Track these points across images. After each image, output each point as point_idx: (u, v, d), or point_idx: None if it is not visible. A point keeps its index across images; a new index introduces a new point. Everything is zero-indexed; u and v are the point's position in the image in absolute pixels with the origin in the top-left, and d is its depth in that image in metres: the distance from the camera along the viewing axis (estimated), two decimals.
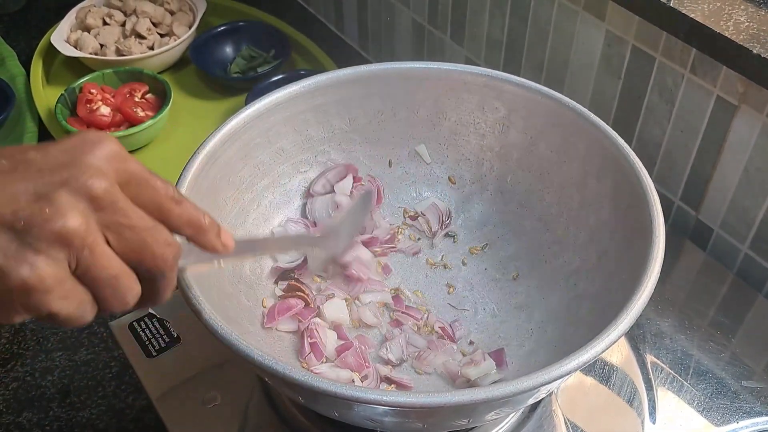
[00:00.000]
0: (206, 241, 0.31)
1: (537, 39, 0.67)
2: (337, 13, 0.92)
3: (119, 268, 0.28)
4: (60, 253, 0.26)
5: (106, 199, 0.27)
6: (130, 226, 0.28)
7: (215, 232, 0.31)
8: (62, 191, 0.26)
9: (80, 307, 0.28)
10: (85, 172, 0.27)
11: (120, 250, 0.28)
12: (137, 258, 0.28)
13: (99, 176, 0.27)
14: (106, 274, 0.27)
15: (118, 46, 0.82)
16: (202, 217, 0.31)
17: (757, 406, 0.48)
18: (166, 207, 0.29)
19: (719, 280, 0.57)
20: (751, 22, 0.51)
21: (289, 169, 0.53)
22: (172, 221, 0.30)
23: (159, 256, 0.29)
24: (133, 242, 0.28)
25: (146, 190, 0.29)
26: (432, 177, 0.55)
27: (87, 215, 0.27)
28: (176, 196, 0.30)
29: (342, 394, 0.33)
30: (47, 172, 0.27)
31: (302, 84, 0.50)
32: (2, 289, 0.26)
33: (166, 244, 0.29)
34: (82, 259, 0.27)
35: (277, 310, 0.47)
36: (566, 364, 0.34)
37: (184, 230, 0.30)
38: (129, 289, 0.28)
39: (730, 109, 0.54)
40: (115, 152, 0.29)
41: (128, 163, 0.29)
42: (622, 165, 0.45)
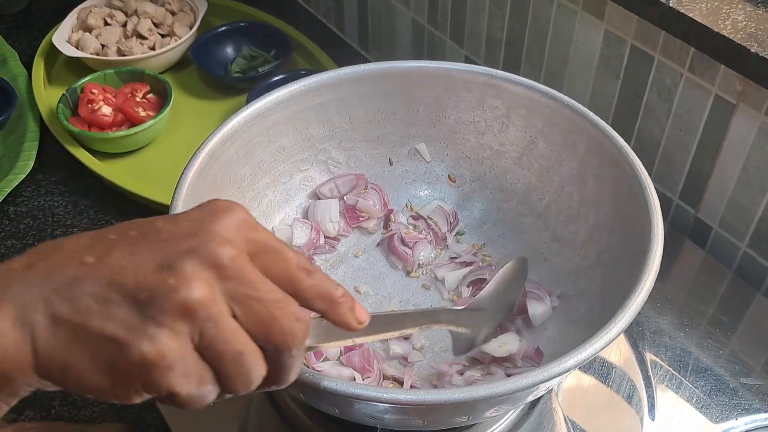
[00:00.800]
0: (339, 316, 0.29)
1: (536, 38, 0.67)
2: (338, 13, 0.93)
3: (245, 342, 0.26)
4: (183, 326, 0.24)
5: (233, 269, 0.25)
6: (258, 298, 0.26)
7: (349, 306, 0.29)
8: (187, 260, 0.25)
9: (201, 385, 0.25)
10: (212, 241, 0.25)
11: (246, 324, 0.26)
12: (264, 333, 0.26)
13: (226, 245, 0.26)
14: (231, 348, 0.25)
15: (119, 46, 0.82)
16: (334, 289, 0.28)
17: (755, 403, 0.48)
18: (298, 278, 0.27)
19: (718, 278, 0.57)
20: (749, 21, 0.52)
21: (289, 167, 0.53)
22: (304, 294, 0.28)
23: (288, 331, 0.26)
24: (260, 315, 0.26)
25: (276, 260, 0.27)
26: (432, 175, 0.56)
27: (212, 285, 0.25)
28: (308, 267, 0.28)
29: (343, 391, 0.33)
30: (174, 242, 0.26)
31: (303, 83, 0.50)
32: (123, 364, 0.24)
33: (296, 319, 0.26)
34: (206, 332, 0.25)
35: None
36: (565, 361, 0.34)
37: (315, 304, 0.28)
38: (254, 368, 0.26)
39: (729, 107, 0.55)
40: (245, 220, 0.27)
41: (258, 232, 0.27)
42: (621, 164, 0.45)
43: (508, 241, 0.53)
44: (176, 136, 0.77)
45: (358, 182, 0.54)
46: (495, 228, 0.54)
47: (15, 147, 0.73)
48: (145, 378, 0.25)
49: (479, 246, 0.53)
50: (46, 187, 0.72)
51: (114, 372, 0.25)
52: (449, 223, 0.54)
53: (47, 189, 0.72)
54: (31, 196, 0.71)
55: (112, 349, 0.24)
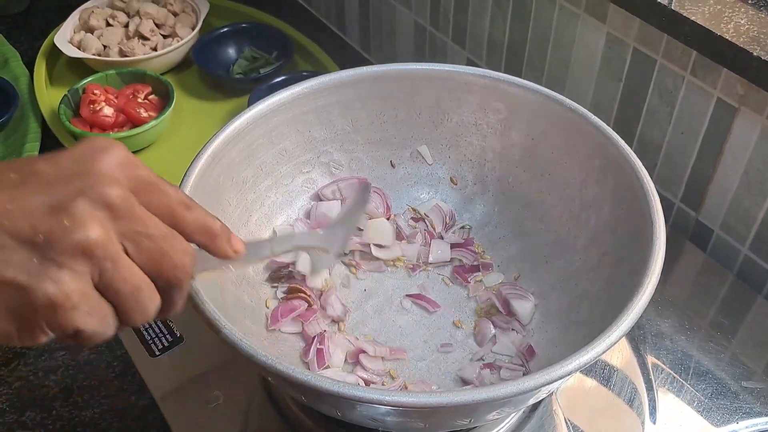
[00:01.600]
0: (218, 247, 0.30)
1: (538, 41, 0.67)
2: (339, 15, 0.93)
3: (141, 278, 0.27)
4: (83, 266, 0.25)
5: (123, 208, 0.26)
6: (148, 234, 0.27)
7: (226, 238, 0.30)
8: (79, 201, 0.25)
9: (104, 321, 0.26)
10: (99, 181, 0.26)
11: (139, 261, 0.27)
12: (157, 268, 0.27)
13: (114, 184, 0.26)
14: (128, 285, 0.26)
15: (121, 47, 0.82)
16: (213, 222, 0.30)
17: (756, 406, 0.48)
18: (179, 213, 0.28)
19: (719, 281, 0.57)
20: (751, 25, 0.52)
21: (291, 169, 0.53)
22: (185, 228, 0.29)
23: (178, 265, 0.27)
24: (152, 252, 0.27)
25: (158, 196, 0.28)
26: (434, 178, 0.56)
27: (107, 225, 0.26)
28: (187, 202, 0.29)
29: (345, 394, 0.33)
30: (60, 183, 0.26)
31: (305, 85, 0.50)
32: (27, 308, 0.25)
33: (184, 253, 0.28)
34: (105, 271, 0.26)
35: (280, 312, 0.47)
36: (567, 364, 0.34)
37: (196, 237, 0.29)
38: (151, 300, 0.27)
39: (731, 111, 0.55)
40: (126, 158, 0.28)
41: (139, 169, 0.28)
42: (622, 166, 0.45)
43: (509, 243, 0.53)
44: (178, 137, 0.77)
45: (360, 185, 0.54)
46: (497, 230, 0.54)
47: (17, 148, 0.73)
48: (51, 319, 0.25)
49: (481, 248, 0.53)
50: None
51: (18, 316, 0.25)
52: (445, 223, 0.54)
53: None
54: None
55: (15, 295, 0.25)
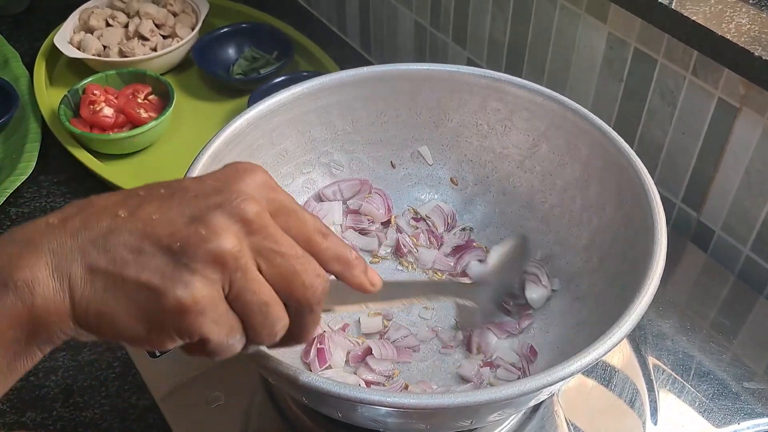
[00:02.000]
0: (353, 278, 0.30)
1: (539, 41, 0.67)
2: (340, 15, 0.93)
3: (270, 295, 0.27)
4: (214, 274, 0.26)
5: (257, 223, 0.27)
6: (280, 252, 0.27)
7: (362, 269, 0.31)
8: (216, 214, 0.27)
9: (231, 334, 0.27)
10: (238, 197, 0.27)
11: (270, 277, 0.27)
12: (287, 287, 0.28)
13: (251, 201, 0.27)
14: (257, 299, 0.27)
15: (121, 47, 0.82)
16: (349, 252, 0.30)
17: (758, 407, 0.48)
18: (315, 240, 0.29)
19: (720, 282, 0.57)
20: (752, 25, 0.51)
21: (292, 170, 0.53)
22: (320, 255, 0.29)
23: (308, 286, 0.28)
24: (283, 269, 0.28)
25: (295, 221, 0.29)
26: (434, 178, 0.56)
27: (240, 238, 0.27)
28: (324, 230, 0.30)
29: (346, 395, 0.33)
30: (202, 197, 0.27)
31: (305, 85, 0.50)
32: (158, 310, 0.26)
33: (316, 275, 0.28)
34: (235, 282, 0.26)
35: None
36: (568, 366, 0.34)
37: (331, 265, 0.30)
38: (278, 319, 0.28)
39: (732, 111, 0.54)
40: (266, 181, 0.29)
41: (278, 194, 0.29)
42: (624, 167, 0.45)
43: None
44: (178, 137, 0.77)
45: (362, 187, 0.54)
46: (497, 231, 0.54)
47: (17, 148, 0.73)
48: (179, 323, 0.26)
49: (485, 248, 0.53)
50: (47, 188, 0.72)
51: (149, 318, 0.26)
52: (446, 223, 0.54)
53: (49, 190, 0.72)
54: (33, 198, 0.71)
55: (148, 296, 0.26)
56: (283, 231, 0.28)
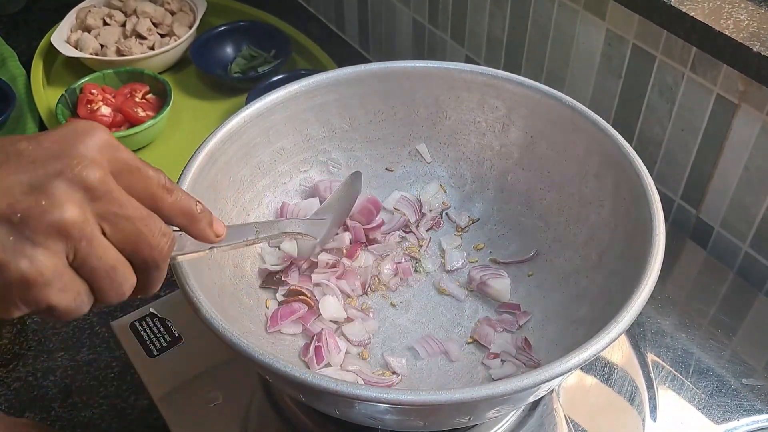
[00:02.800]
0: (199, 231, 0.31)
1: (537, 38, 0.67)
2: (338, 12, 0.92)
3: (116, 258, 0.28)
4: (58, 244, 0.26)
5: (101, 189, 0.27)
6: (125, 216, 0.27)
7: (207, 221, 0.31)
8: (57, 182, 0.26)
9: (78, 298, 0.27)
10: (79, 163, 0.27)
11: (116, 241, 0.28)
12: (133, 248, 0.28)
13: (93, 166, 0.27)
14: (103, 264, 0.27)
15: (118, 46, 0.82)
16: (194, 205, 0.30)
17: (757, 403, 0.48)
18: (159, 196, 0.29)
19: (720, 279, 0.57)
20: (751, 21, 0.51)
21: (289, 168, 0.53)
22: (165, 210, 0.29)
23: (155, 246, 0.28)
24: (128, 232, 0.28)
25: (139, 179, 0.29)
26: (432, 176, 0.56)
27: (83, 206, 0.26)
28: (168, 185, 0.30)
29: (343, 392, 0.33)
30: (40, 164, 0.26)
31: (302, 83, 0.50)
32: (2, 283, 0.26)
33: (161, 234, 0.29)
34: (80, 250, 0.26)
35: (279, 315, 0.47)
36: (566, 361, 0.34)
37: (176, 219, 0.30)
38: (125, 280, 0.28)
39: (731, 107, 0.54)
40: (107, 141, 0.28)
41: (120, 153, 0.28)
42: (622, 163, 0.45)
43: (509, 241, 0.53)
44: (176, 136, 0.77)
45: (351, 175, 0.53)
46: (496, 229, 0.53)
47: None
48: (25, 294, 0.26)
49: (480, 246, 0.53)
50: None
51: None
52: (417, 212, 0.53)
53: None
54: None
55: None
56: (127, 191, 0.28)
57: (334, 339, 0.46)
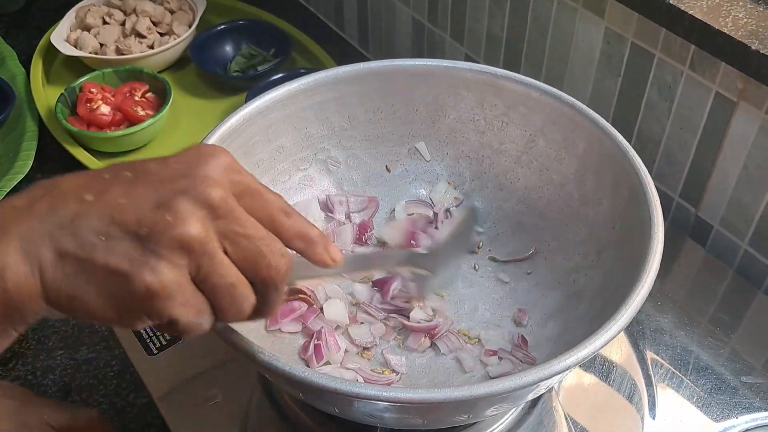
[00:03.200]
0: (315, 254, 0.31)
1: (536, 37, 0.67)
2: (338, 11, 0.92)
3: (236, 276, 0.28)
4: (181, 259, 0.27)
5: (223, 208, 0.28)
6: (246, 235, 0.28)
7: (324, 246, 0.31)
8: (182, 199, 0.27)
9: (199, 314, 0.28)
10: (203, 182, 0.28)
11: (237, 259, 0.28)
12: (253, 268, 0.29)
13: (216, 186, 0.28)
14: (224, 281, 0.28)
15: (118, 45, 0.82)
16: (311, 229, 0.31)
17: (756, 401, 0.48)
18: (278, 218, 0.30)
19: (719, 277, 0.57)
20: (749, 19, 0.51)
21: (288, 166, 0.53)
22: (284, 233, 0.30)
23: (273, 266, 0.29)
24: (249, 251, 0.28)
25: (259, 201, 0.30)
26: (432, 174, 0.56)
27: (206, 223, 0.27)
28: (287, 209, 0.30)
29: (342, 390, 0.33)
30: (167, 182, 0.28)
31: (301, 81, 0.50)
32: (127, 294, 0.26)
33: (280, 255, 0.29)
34: (202, 266, 0.27)
35: (279, 314, 0.47)
36: (565, 359, 0.34)
37: (294, 243, 0.31)
38: (245, 298, 0.29)
39: (729, 105, 0.54)
40: (230, 164, 0.29)
41: (242, 176, 0.30)
42: (620, 161, 0.45)
43: (508, 239, 0.53)
44: (175, 135, 0.77)
45: (368, 204, 0.54)
46: (495, 227, 0.54)
47: (14, 146, 0.73)
48: (148, 306, 0.27)
49: (479, 244, 0.53)
50: None
51: (119, 302, 0.27)
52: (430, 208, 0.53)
53: None
54: None
55: (117, 281, 0.26)
56: (247, 213, 0.29)
57: (333, 337, 0.46)
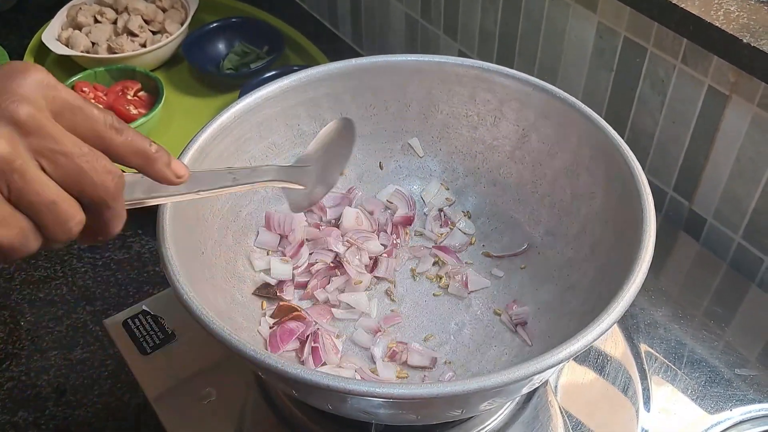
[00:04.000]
0: (156, 172, 0.30)
1: (529, 32, 0.67)
2: (331, 8, 0.92)
3: (56, 193, 0.27)
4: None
5: (31, 124, 0.27)
6: (63, 152, 0.27)
7: (165, 162, 0.30)
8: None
9: (22, 234, 0.27)
10: (8, 99, 0.26)
11: (57, 177, 0.27)
12: (76, 186, 0.28)
13: (23, 102, 0.27)
14: (41, 199, 0.27)
15: (109, 43, 0.82)
16: (148, 145, 0.29)
17: (750, 393, 0.48)
18: (107, 136, 0.28)
19: (713, 270, 0.57)
20: (741, 12, 0.51)
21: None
22: (115, 150, 0.29)
23: (99, 183, 0.28)
24: (68, 169, 0.27)
25: (82, 118, 0.28)
26: (425, 170, 0.55)
27: (14, 140, 0.26)
28: (117, 125, 0.29)
29: (335, 386, 0.33)
30: None
31: (293, 78, 0.50)
32: None
33: (106, 172, 0.28)
34: (13, 184, 0.26)
35: (279, 338, 0.46)
36: (558, 353, 0.34)
37: (129, 160, 0.29)
38: (70, 216, 0.28)
39: (722, 99, 0.54)
40: (44, 80, 0.28)
41: (59, 91, 0.28)
42: (612, 154, 0.45)
43: (501, 234, 0.53)
44: (168, 133, 0.77)
45: (341, 201, 0.53)
46: (489, 222, 0.53)
47: None
48: None
49: (473, 240, 0.53)
50: None
51: None
52: (409, 206, 0.53)
53: None
54: None
55: None
56: (67, 130, 0.28)
57: (330, 339, 0.46)
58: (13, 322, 0.61)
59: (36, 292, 0.63)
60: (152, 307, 0.52)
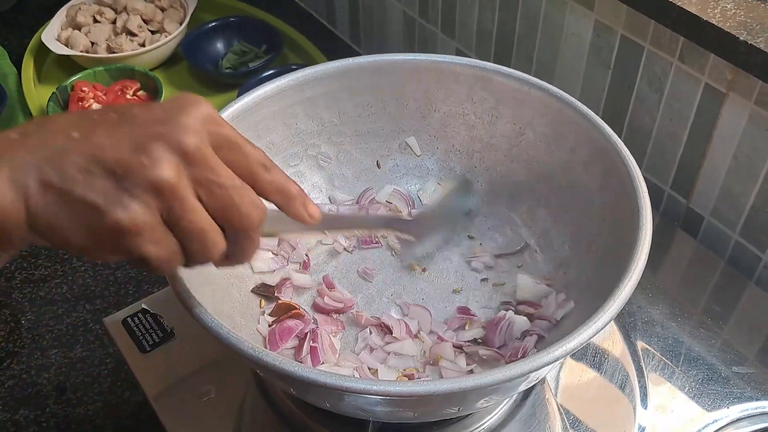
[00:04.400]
0: (293, 210, 0.33)
1: (527, 30, 0.67)
2: (329, 7, 0.92)
3: (207, 222, 0.30)
4: (153, 200, 0.28)
5: (196, 156, 0.29)
6: (219, 183, 0.30)
7: (302, 202, 0.33)
8: (157, 144, 0.29)
9: (169, 254, 0.30)
10: (179, 130, 0.29)
11: (209, 206, 0.30)
12: (225, 215, 0.30)
13: (191, 134, 0.29)
14: (194, 226, 0.29)
15: (109, 43, 0.82)
16: (291, 185, 0.32)
17: (747, 391, 0.48)
18: (257, 172, 0.31)
19: (710, 268, 0.57)
20: (738, 9, 0.51)
21: (279, 162, 0.52)
22: (261, 187, 0.31)
23: (245, 215, 0.30)
24: (221, 199, 0.30)
25: (238, 154, 0.31)
26: (422, 169, 0.56)
27: (179, 168, 0.29)
28: (266, 163, 0.31)
29: (332, 384, 0.33)
30: (147, 127, 0.29)
31: (291, 77, 0.50)
32: (100, 227, 0.28)
33: (253, 205, 0.30)
34: (173, 210, 0.29)
35: (279, 336, 0.46)
36: (554, 351, 0.34)
37: (272, 197, 0.32)
38: (215, 244, 0.30)
39: (719, 96, 0.54)
40: (210, 116, 0.30)
41: (222, 128, 0.30)
42: (609, 152, 0.45)
43: (498, 234, 0.53)
44: None
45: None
46: (486, 221, 0.54)
47: None
48: (119, 240, 0.29)
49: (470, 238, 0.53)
50: None
51: (93, 234, 0.29)
52: (408, 205, 0.53)
53: None
54: None
55: (92, 214, 0.28)
56: (224, 164, 0.30)
57: (329, 339, 0.46)
58: (13, 321, 0.61)
59: (36, 290, 0.63)
60: (151, 305, 0.52)
